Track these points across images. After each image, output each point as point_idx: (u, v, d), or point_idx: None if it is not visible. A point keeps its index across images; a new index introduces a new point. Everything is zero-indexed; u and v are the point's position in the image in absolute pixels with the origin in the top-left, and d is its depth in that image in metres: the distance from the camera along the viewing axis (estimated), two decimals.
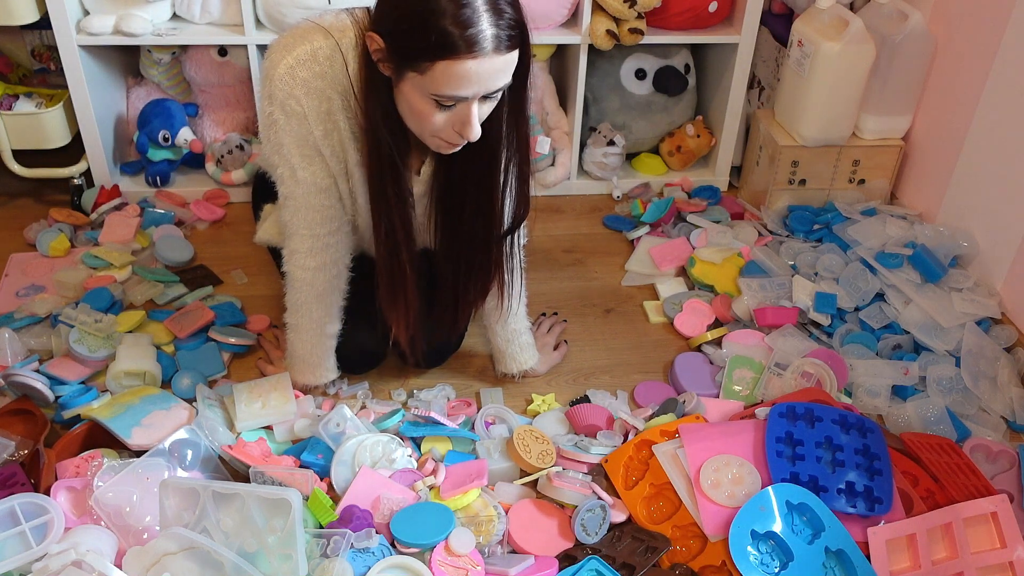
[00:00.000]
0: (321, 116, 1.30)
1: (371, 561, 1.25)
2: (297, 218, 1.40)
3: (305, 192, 1.37)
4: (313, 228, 1.41)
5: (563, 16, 2.08)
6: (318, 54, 1.27)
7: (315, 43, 1.27)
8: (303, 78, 1.27)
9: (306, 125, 1.31)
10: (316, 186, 1.37)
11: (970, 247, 1.88)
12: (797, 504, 1.34)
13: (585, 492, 1.37)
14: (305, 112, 1.29)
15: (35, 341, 1.67)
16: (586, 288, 1.95)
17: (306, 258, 1.44)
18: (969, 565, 1.29)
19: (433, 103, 1.19)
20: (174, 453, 1.37)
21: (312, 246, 1.42)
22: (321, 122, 1.31)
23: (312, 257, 1.43)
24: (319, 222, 1.40)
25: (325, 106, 1.30)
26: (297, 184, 1.37)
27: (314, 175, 1.36)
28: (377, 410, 1.55)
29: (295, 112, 1.29)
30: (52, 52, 2.18)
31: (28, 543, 1.21)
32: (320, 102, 1.29)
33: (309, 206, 1.39)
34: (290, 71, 1.27)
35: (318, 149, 1.34)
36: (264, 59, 1.33)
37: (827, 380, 1.62)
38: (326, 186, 1.38)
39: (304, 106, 1.29)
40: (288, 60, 1.27)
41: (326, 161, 1.35)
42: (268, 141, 1.36)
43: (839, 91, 1.97)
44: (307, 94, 1.28)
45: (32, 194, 2.16)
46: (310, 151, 1.34)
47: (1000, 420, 1.60)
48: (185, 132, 2.11)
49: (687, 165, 2.32)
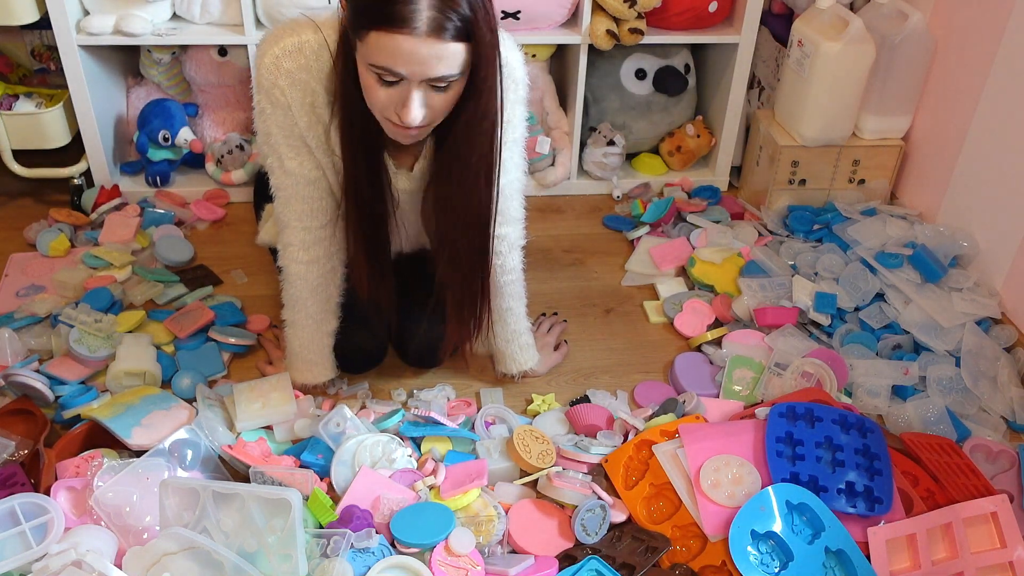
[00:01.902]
0: (305, 108, 1.31)
1: (371, 561, 1.25)
2: (288, 210, 1.41)
3: (294, 183, 1.38)
4: (304, 220, 1.42)
5: (563, 16, 2.08)
6: (304, 47, 1.28)
7: (303, 36, 1.28)
8: (287, 69, 1.28)
9: (291, 116, 1.32)
10: (304, 178, 1.38)
11: (970, 247, 1.88)
12: (797, 504, 1.34)
13: (585, 492, 1.37)
14: (289, 103, 1.31)
15: (35, 341, 1.67)
16: (586, 288, 1.95)
17: (299, 251, 1.44)
18: (969, 565, 1.29)
19: (375, 76, 1.19)
20: (174, 453, 1.37)
21: (304, 239, 1.43)
22: (305, 114, 1.32)
23: (305, 251, 1.44)
24: (309, 214, 1.41)
25: (309, 99, 1.31)
26: (286, 175, 1.38)
27: (302, 166, 1.37)
28: (377, 410, 1.55)
29: (280, 102, 1.31)
30: (52, 52, 2.17)
31: (28, 543, 1.21)
32: (304, 94, 1.30)
33: (299, 197, 1.39)
34: (276, 61, 1.28)
35: (304, 140, 1.35)
36: (256, 49, 1.34)
37: (827, 380, 1.62)
38: (314, 178, 1.38)
39: (288, 96, 1.30)
40: (275, 50, 1.28)
41: (313, 153, 1.36)
42: (259, 131, 1.37)
43: (839, 91, 1.97)
44: (291, 85, 1.29)
45: (32, 194, 2.16)
46: (296, 142, 1.35)
47: (1000, 420, 1.60)
48: (185, 132, 2.11)
49: (687, 165, 2.32)
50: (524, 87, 1.39)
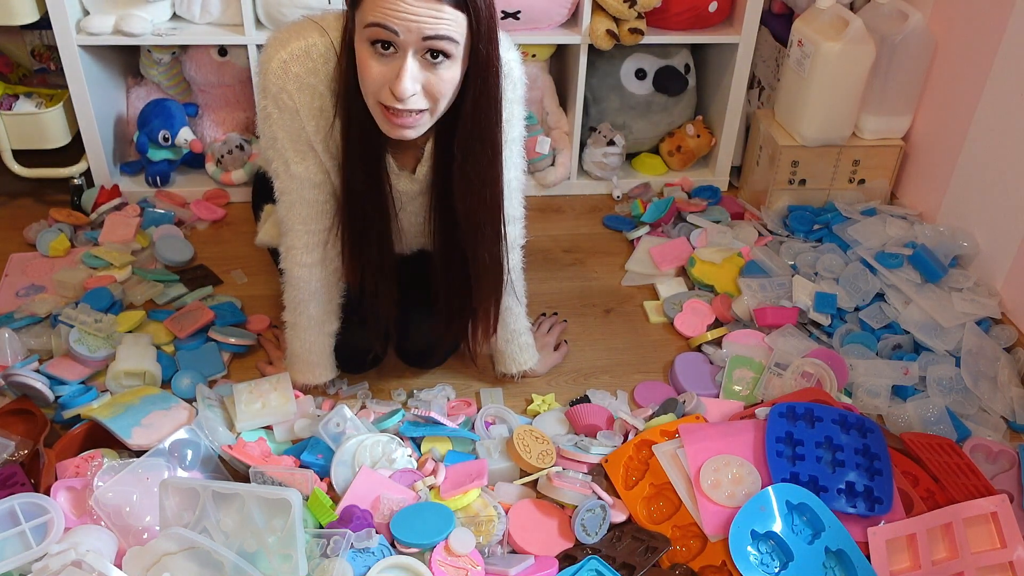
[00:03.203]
0: (313, 112, 1.31)
1: (371, 561, 1.25)
2: (292, 213, 1.41)
3: (299, 187, 1.38)
4: (308, 224, 1.42)
5: (563, 16, 2.08)
6: (312, 51, 1.27)
7: (310, 39, 1.27)
8: (296, 73, 1.28)
9: (298, 120, 1.32)
10: (310, 181, 1.37)
11: (970, 247, 1.88)
12: (797, 504, 1.34)
13: (585, 492, 1.37)
14: (297, 107, 1.30)
15: (35, 341, 1.67)
16: (586, 288, 1.95)
17: (303, 254, 1.44)
18: (969, 565, 1.29)
19: (370, 48, 1.18)
20: (174, 453, 1.37)
21: (308, 242, 1.43)
22: (313, 118, 1.31)
23: (308, 254, 1.44)
24: (314, 218, 1.41)
25: (318, 103, 1.30)
26: (291, 179, 1.37)
27: (308, 170, 1.36)
28: (377, 410, 1.55)
29: (287, 107, 1.30)
30: (52, 52, 2.17)
31: (28, 543, 1.21)
32: (312, 98, 1.30)
33: (304, 201, 1.39)
34: (283, 66, 1.27)
35: (311, 144, 1.34)
36: (261, 52, 1.34)
37: (827, 380, 1.62)
38: (320, 181, 1.38)
39: (296, 101, 1.30)
40: (282, 55, 1.27)
41: (319, 156, 1.36)
42: (264, 135, 1.37)
43: (839, 91, 1.97)
44: (299, 89, 1.29)
45: (32, 194, 2.16)
46: (303, 146, 1.34)
47: (1000, 420, 1.60)
48: (185, 132, 2.10)
49: (687, 165, 2.32)
50: (522, 86, 1.39)
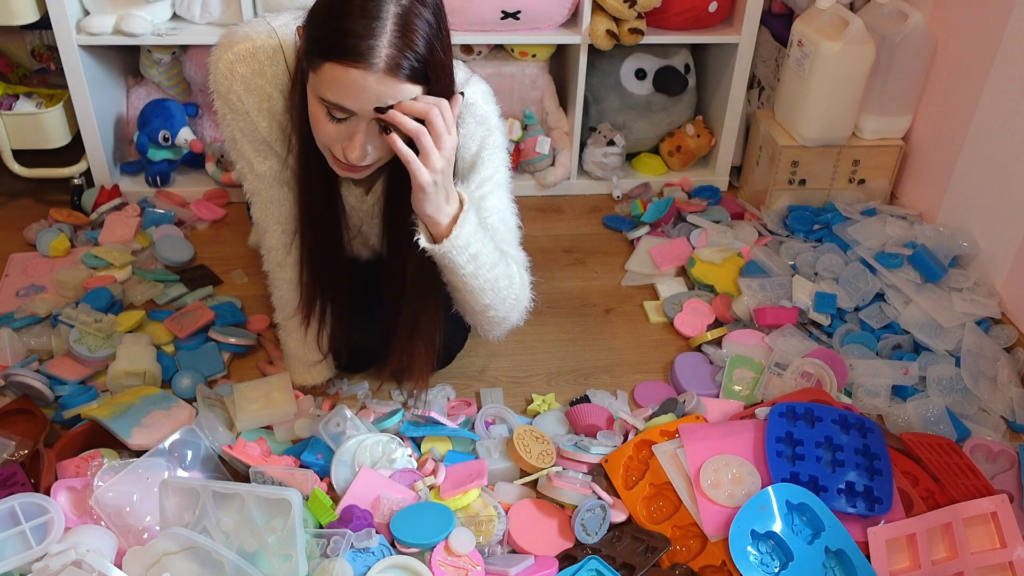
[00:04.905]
0: (263, 112, 1.31)
1: (371, 561, 1.25)
2: (266, 214, 1.41)
3: (268, 186, 1.38)
4: (283, 223, 1.42)
5: (563, 16, 2.08)
6: (259, 52, 1.27)
7: (257, 41, 1.27)
8: (242, 74, 1.27)
9: (250, 120, 1.31)
10: (276, 179, 1.37)
11: (970, 247, 1.88)
12: (797, 504, 1.34)
13: (585, 492, 1.37)
14: (247, 108, 1.30)
15: (35, 341, 1.67)
16: (586, 288, 1.95)
17: (281, 254, 1.45)
18: (969, 565, 1.29)
19: (324, 110, 1.16)
20: (174, 453, 1.37)
21: (285, 241, 1.43)
22: (264, 118, 1.31)
23: (288, 252, 1.44)
24: (287, 217, 1.41)
25: (267, 104, 1.30)
26: (258, 178, 1.37)
27: (271, 168, 1.36)
28: (377, 410, 1.55)
29: (238, 108, 1.30)
30: (52, 52, 2.17)
31: (28, 543, 1.21)
32: (260, 99, 1.29)
33: (273, 200, 1.39)
34: (229, 67, 1.27)
35: (267, 143, 1.34)
36: (211, 53, 1.32)
37: (827, 380, 1.62)
38: (286, 179, 1.38)
39: (245, 102, 1.29)
40: (228, 56, 1.27)
41: (278, 155, 1.36)
42: (224, 138, 1.37)
43: (839, 91, 1.97)
44: (247, 91, 1.28)
45: (32, 194, 2.16)
46: (261, 146, 1.35)
47: (1000, 420, 1.60)
48: (185, 132, 2.10)
49: (687, 165, 2.32)
50: (500, 133, 1.34)
